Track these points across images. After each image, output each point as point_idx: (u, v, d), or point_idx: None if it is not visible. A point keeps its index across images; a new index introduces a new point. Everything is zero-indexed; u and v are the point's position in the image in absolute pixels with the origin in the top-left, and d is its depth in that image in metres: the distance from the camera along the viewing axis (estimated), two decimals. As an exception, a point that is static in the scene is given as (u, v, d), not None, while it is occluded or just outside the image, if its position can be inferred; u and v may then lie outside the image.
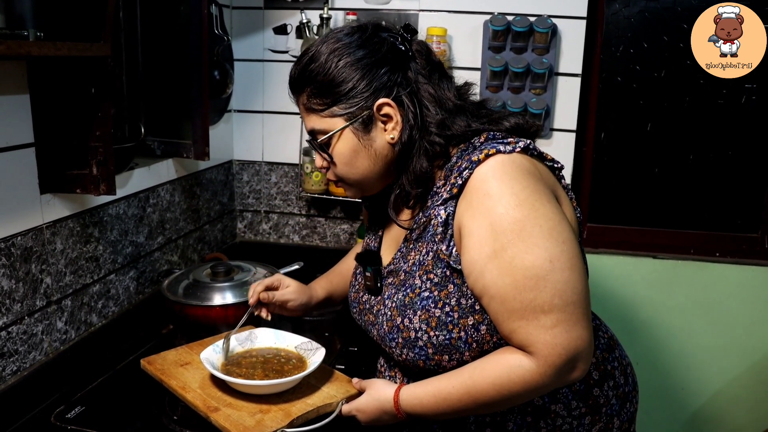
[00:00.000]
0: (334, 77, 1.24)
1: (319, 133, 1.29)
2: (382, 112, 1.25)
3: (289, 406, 1.31)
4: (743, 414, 2.55)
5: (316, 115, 1.28)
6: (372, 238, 1.50)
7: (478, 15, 2.27)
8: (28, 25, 1.34)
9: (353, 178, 1.32)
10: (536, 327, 1.12)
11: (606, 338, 1.41)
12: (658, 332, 2.53)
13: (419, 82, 1.27)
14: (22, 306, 1.47)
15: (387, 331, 1.31)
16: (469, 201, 1.18)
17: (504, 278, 1.13)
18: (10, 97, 1.41)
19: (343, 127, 1.26)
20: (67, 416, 1.43)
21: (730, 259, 2.47)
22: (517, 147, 1.20)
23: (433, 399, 1.22)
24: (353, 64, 1.24)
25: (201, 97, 2.00)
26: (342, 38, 1.27)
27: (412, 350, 1.26)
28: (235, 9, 2.44)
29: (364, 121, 1.25)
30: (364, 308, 1.43)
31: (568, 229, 1.16)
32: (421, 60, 1.29)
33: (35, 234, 1.50)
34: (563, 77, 2.31)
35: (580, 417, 1.31)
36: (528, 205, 1.13)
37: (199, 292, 1.73)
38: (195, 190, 2.26)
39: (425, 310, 1.24)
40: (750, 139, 2.45)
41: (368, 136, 1.27)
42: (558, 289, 1.11)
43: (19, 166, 1.45)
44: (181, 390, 1.36)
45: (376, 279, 1.39)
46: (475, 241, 1.16)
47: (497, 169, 1.16)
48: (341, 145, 1.28)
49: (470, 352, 1.22)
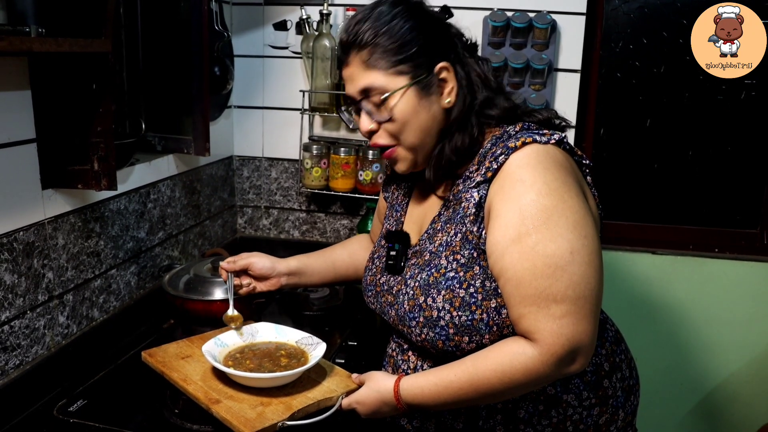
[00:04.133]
0: (402, 36, 1.28)
1: (377, 91, 1.30)
2: (440, 76, 1.30)
3: (290, 399, 1.32)
4: (742, 409, 2.56)
5: (379, 71, 1.29)
6: (392, 224, 1.52)
7: (477, 11, 2.28)
8: (29, 21, 1.34)
9: (409, 140, 1.33)
10: (545, 315, 1.14)
11: (613, 331, 1.44)
12: (657, 328, 2.54)
13: (465, 55, 1.34)
14: (24, 300, 1.48)
15: (408, 310, 1.32)
16: (501, 185, 1.21)
17: (523, 262, 1.16)
18: (12, 93, 1.42)
19: (407, 85, 1.28)
20: (69, 409, 1.44)
21: (729, 255, 2.48)
22: (552, 139, 1.24)
23: (435, 387, 1.24)
24: (416, 28, 1.29)
25: (201, 93, 2.01)
26: (396, 5, 1.31)
27: (433, 329, 1.28)
28: (235, 5, 2.44)
29: (425, 82, 1.29)
30: (381, 290, 1.44)
31: (592, 225, 1.20)
32: (459, 40, 1.36)
33: (37, 229, 1.51)
34: (563, 73, 2.31)
35: (590, 408, 1.32)
36: (557, 196, 1.17)
37: (199, 286, 1.74)
38: (195, 186, 2.27)
39: (449, 290, 1.25)
40: (749, 135, 2.45)
41: (428, 98, 1.30)
42: (573, 281, 1.14)
43: (20, 161, 1.46)
44: (183, 382, 1.37)
45: (400, 258, 1.40)
46: (502, 223, 1.19)
47: (532, 158, 1.20)
48: (402, 104, 1.29)
49: (490, 335, 1.24)
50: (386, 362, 1.50)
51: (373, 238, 1.73)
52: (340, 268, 1.70)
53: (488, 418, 1.32)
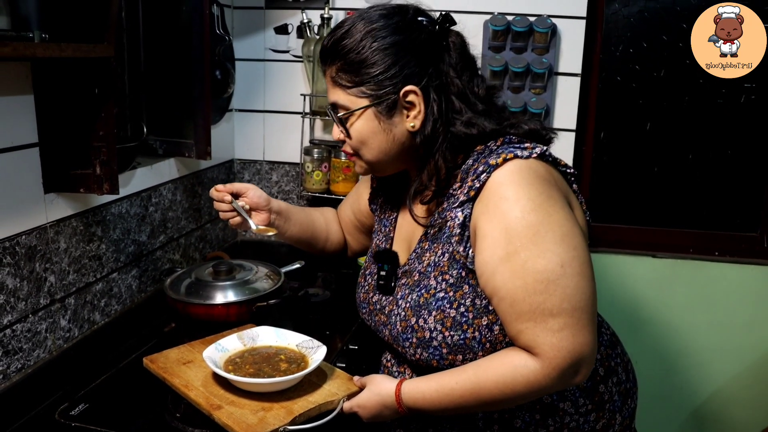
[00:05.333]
0: (366, 58, 1.25)
1: (341, 108, 1.30)
2: (407, 99, 1.26)
3: (291, 403, 1.32)
4: (742, 412, 2.56)
5: (342, 89, 1.29)
6: (382, 240, 1.50)
7: (478, 15, 2.28)
8: (33, 27, 1.35)
9: (366, 157, 1.33)
10: (543, 329, 1.14)
11: (608, 335, 1.43)
12: (658, 331, 2.54)
13: (450, 76, 1.27)
14: (26, 304, 1.49)
15: (400, 331, 1.32)
16: (485, 204, 1.20)
17: (515, 281, 1.15)
18: (15, 97, 1.42)
19: (365, 106, 1.27)
20: (70, 413, 1.44)
21: (730, 258, 2.48)
22: (533, 153, 1.22)
23: (436, 394, 1.24)
24: (387, 48, 1.25)
25: (203, 97, 2.01)
26: (379, 18, 1.27)
27: (426, 350, 1.28)
28: (236, 9, 2.45)
29: (388, 105, 1.26)
30: (374, 309, 1.44)
31: (580, 236, 1.18)
32: (455, 53, 1.29)
33: (39, 233, 1.51)
34: (563, 77, 2.32)
35: (587, 414, 1.32)
36: (543, 211, 1.15)
37: (201, 290, 1.74)
38: (197, 189, 2.27)
39: (440, 311, 1.25)
40: (749, 139, 2.46)
41: (390, 121, 1.28)
42: (567, 294, 1.13)
43: (23, 165, 1.46)
44: (184, 388, 1.37)
45: (390, 278, 1.40)
46: (489, 243, 1.17)
47: (515, 174, 1.18)
48: (360, 124, 1.29)
49: (483, 351, 1.24)
50: (381, 372, 1.50)
51: (341, 217, 1.74)
52: (316, 230, 1.70)
53: (485, 428, 1.32)
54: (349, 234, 1.75)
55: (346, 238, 1.76)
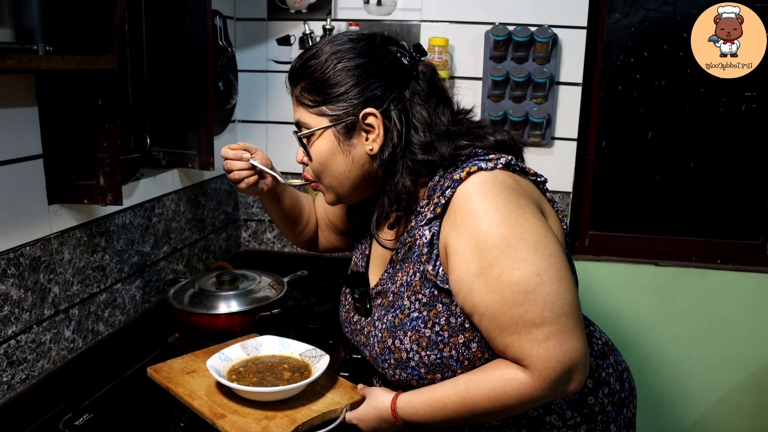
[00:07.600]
0: (329, 78, 1.25)
1: (303, 127, 1.30)
2: (366, 122, 1.25)
3: (294, 412, 1.32)
4: (745, 421, 2.56)
5: (305, 109, 1.29)
6: (359, 257, 1.50)
7: (479, 25, 2.30)
8: (37, 39, 1.36)
9: (327, 180, 1.33)
10: (529, 341, 1.12)
11: (600, 345, 1.40)
12: (660, 339, 2.54)
13: (414, 102, 1.26)
14: (30, 315, 1.49)
15: (379, 352, 1.32)
16: (453, 220, 1.18)
17: (492, 295, 1.13)
18: (19, 109, 1.44)
19: (325, 126, 1.27)
20: (75, 423, 1.44)
21: (732, 266, 2.48)
22: (498, 163, 1.20)
23: (429, 409, 1.23)
24: (350, 70, 1.24)
25: (206, 108, 2.02)
26: (347, 42, 1.28)
27: (405, 371, 1.27)
28: (239, 20, 2.47)
29: (347, 126, 1.25)
30: (355, 329, 1.44)
31: (554, 242, 1.16)
32: (423, 82, 1.28)
33: (43, 244, 1.52)
34: (564, 86, 2.33)
35: (576, 426, 1.31)
36: (512, 221, 1.14)
37: (204, 300, 1.75)
38: (200, 200, 2.28)
39: (415, 331, 1.24)
40: (750, 147, 2.46)
41: (348, 142, 1.27)
42: (548, 302, 1.12)
43: (27, 177, 1.47)
44: (188, 397, 1.37)
45: (365, 300, 1.39)
46: (462, 260, 1.16)
47: (479, 187, 1.17)
48: (320, 144, 1.28)
49: (462, 369, 1.23)
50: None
51: (316, 209, 1.72)
52: (302, 210, 1.68)
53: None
54: (320, 229, 1.73)
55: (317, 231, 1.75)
